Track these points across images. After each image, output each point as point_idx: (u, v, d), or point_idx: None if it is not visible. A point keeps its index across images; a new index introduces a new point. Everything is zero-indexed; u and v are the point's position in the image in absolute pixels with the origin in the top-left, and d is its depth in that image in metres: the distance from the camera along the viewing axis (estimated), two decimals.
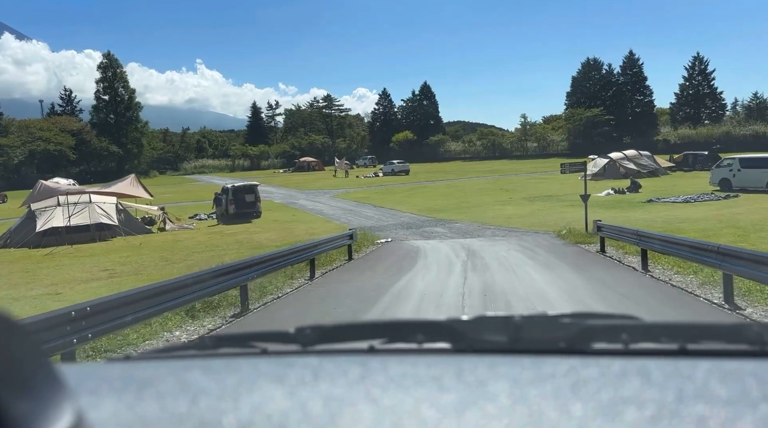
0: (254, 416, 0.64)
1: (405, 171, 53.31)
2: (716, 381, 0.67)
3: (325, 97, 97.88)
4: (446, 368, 0.76)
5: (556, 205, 24.03)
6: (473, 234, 18.09)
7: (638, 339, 0.85)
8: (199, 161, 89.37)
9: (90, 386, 0.75)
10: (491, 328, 0.91)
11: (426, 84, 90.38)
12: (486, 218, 21.43)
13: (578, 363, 0.75)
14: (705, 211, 19.99)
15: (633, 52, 74.34)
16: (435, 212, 24.03)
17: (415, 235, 18.48)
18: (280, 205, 31.15)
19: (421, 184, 41.36)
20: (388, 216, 23.91)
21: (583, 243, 14.23)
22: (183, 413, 0.65)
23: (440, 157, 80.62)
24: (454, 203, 27.03)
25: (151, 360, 0.98)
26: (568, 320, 0.90)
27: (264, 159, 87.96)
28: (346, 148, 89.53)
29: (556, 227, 18.26)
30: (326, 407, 0.65)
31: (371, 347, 0.92)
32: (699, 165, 36.80)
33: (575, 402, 0.64)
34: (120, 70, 78.60)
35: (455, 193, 32.59)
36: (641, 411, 0.61)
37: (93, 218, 20.86)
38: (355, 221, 22.78)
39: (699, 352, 0.81)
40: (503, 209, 23.80)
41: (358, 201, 30.76)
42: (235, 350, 1.00)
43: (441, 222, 21.27)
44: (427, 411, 0.63)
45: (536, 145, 78.55)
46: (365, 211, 26.19)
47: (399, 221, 22.08)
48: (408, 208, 26.20)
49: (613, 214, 20.11)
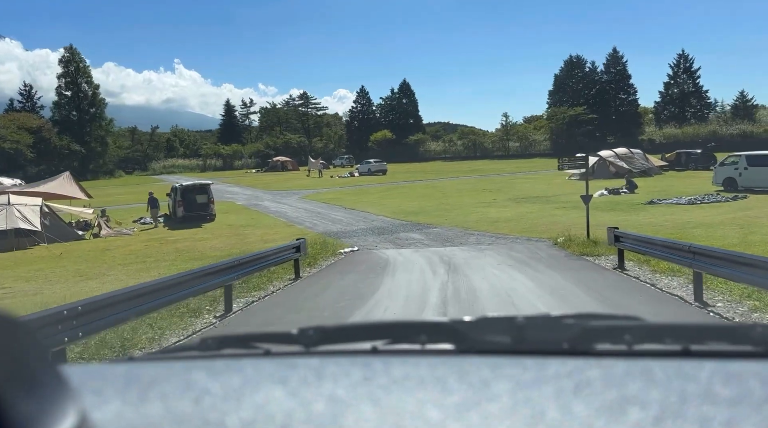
0: (257, 416, 0.64)
1: (382, 170, 50.57)
2: (720, 382, 0.68)
3: (301, 94, 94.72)
4: (449, 369, 0.76)
5: (546, 208, 21.50)
6: (454, 241, 15.43)
7: (641, 340, 0.85)
8: (169, 161, 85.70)
9: (94, 386, 0.74)
10: (494, 329, 0.91)
11: (405, 82, 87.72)
12: (469, 222, 18.80)
13: (581, 364, 0.75)
14: (716, 214, 17.60)
15: (617, 49, 72.70)
16: (411, 215, 21.34)
17: (386, 242, 15.77)
18: (241, 206, 28.20)
19: (399, 184, 38.67)
20: (358, 219, 21.16)
21: (589, 255, 11.62)
22: (186, 413, 0.66)
23: (420, 156, 78.10)
24: (433, 205, 24.38)
25: (154, 361, 0.98)
26: (571, 321, 0.90)
27: (237, 158, 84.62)
28: (322, 148, 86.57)
29: (550, 233, 15.66)
30: (329, 408, 0.66)
31: (374, 348, 0.91)
32: (693, 164, 34.67)
33: (578, 402, 0.64)
34: (83, 64, 74.53)
35: (434, 193, 29.96)
36: (644, 411, 0.61)
37: (10, 223, 17.74)
38: (321, 225, 20.01)
39: (702, 353, 0.81)
40: (488, 212, 21.20)
41: (328, 202, 27.96)
42: (238, 351, 0.99)
43: (418, 226, 18.58)
44: (430, 412, 0.64)
45: (518, 144, 76.45)
46: (334, 213, 23.41)
47: (370, 225, 19.36)
48: (382, 210, 23.49)
49: (613, 218, 17.63)
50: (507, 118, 77.51)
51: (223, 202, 30.91)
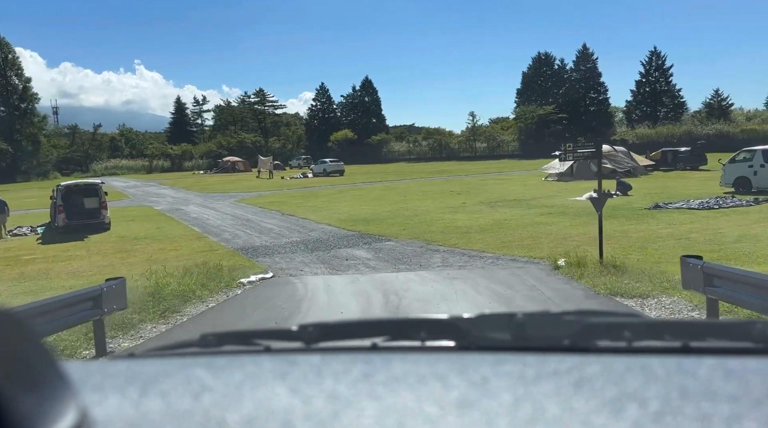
0: (258, 413, 0.64)
1: (339, 171, 45.95)
2: (719, 378, 0.67)
3: (257, 92, 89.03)
4: (449, 365, 0.76)
5: (527, 214, 17.31)
6: (412, 261, 11.05)
7: (641, 336, 0.85)
8: (112, 161, 79.22)
9: (94, 383, 0.74)
10: (494, 326, 0.90)
11: (367, 79, 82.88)
12: (432, 233, 14.45)
13: (582, 361, 0.75)
14: (749, 222, 13.68)
15: (587, 46, 69.64)
16: (361, 223, 16.89)
17: (318, 263, 11.31)
18: (157, 212, 23.24)
19: (355, 185, 34.17)
20: (294, 228, 16.60)
21: (625, 295, 7.28)
22: (187, 410, 0.65)
23: (383, 158, 73.77)
24: (390, 210, 19.98)
25: (155, 358, 0.96)
26: (571, 317, 0.89)
27: (187, 159, 78.74)
28: (280, 148, 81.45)
29: (542, 249, 11.41)
30: (329, 404, 0.66)
31: (374, 344, 0.91)
32: (681, 163, 31.15)
33: (578, 399, 0.64)
34: (12, 55, 67.44)
35: (393, 196, 25.56)
36: (644, 408, 0.61)
37: None
38: (243, 237, 15.40)
39: (702, 350, 0.80)
40: (456, 219, 16.90)
41: (265, 207, 23.27)
42: (239, 347, 0.99)
43: (366, 239, 14.15)
44: (431, 409, 0.64)
45: (485, 145, 72.87)
46: (266, 221, 18.78)
47: (306, 237, 14.84)
48: (326, 216, 18.98)
49: (617, 227, 13.53)
50: (474, 117, 73.75)
51: (139, 207, 25.91)
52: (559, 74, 70.62)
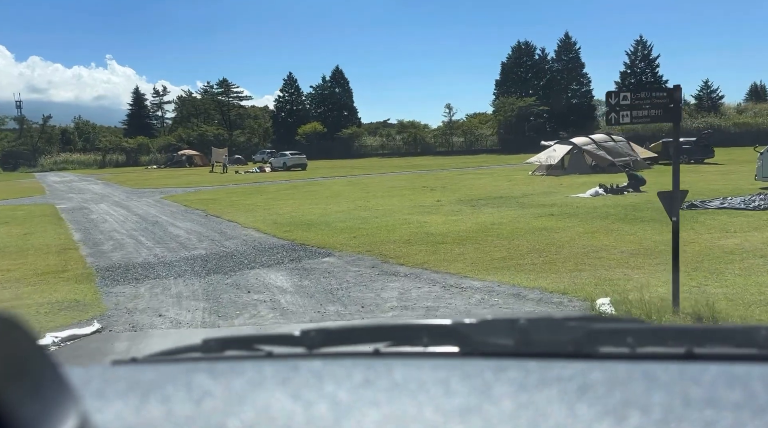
0: (259, 418, 0.64)
1: (301, 165, 41.31)
2: (723, 385, 0.67)
3: (221, 82, 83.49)
4: (452, 371, 0.76)
5: (522, 215, 13.08)
6: (350, 297, 6.69)
7: (645, 342, 0.85)
8: (62, 155, 73.31)
9: (95, 388, 0.74)
10: (497, 331, 0.90)
11: (338, 68, 77.91)
12: (393, 243, 10.11)
13: (584, 367, 0.75)
14: None
15: (569, 34, 65.94)
16: (301, 228, 12.48)
17: (200, 300, 6.89)
18: (52, 212, 18.38)
19: (313, 180, 29.65)
20: (208, 235, 12.12)
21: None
22: (188, 415, 0.66)
23: (355, 153, 69.27)
24: (345, 210, 15.60)
25: (156, 363, 0.96)
26: (575, 323, 0.89)
27: (144, 153, 73.21)
28: (245, 142, 76.37)
29: (560, 274, 7.10)
30: (331, 410, 0.66)
31: (376, 350, 0.91)
32: (685, 156, 27.30)
33: (581, 405, 0.64)
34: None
35: (353, 193, 21.16)
36: (647, 415, 0.61)
37: None
38: (130, 248, 10.89)
39: (706, 356, 0.80)
40: (427, 222, 12.58)
41: (189, 205, 18.65)
42: (240, 353, 0.99)
43: (298, 252, 9.78)
44: (433, 415, 0.64)
45: (462, 139, 68.88)
46: (179, 224, 14.22)
47: (217, 249, 10.43)
48: (260, 218, 14.53)
49: (655, 237, 9.40)
50: (451, 110, 69.66)
51: (38, 206, 21.08)
52: (539, 65, 66.86)
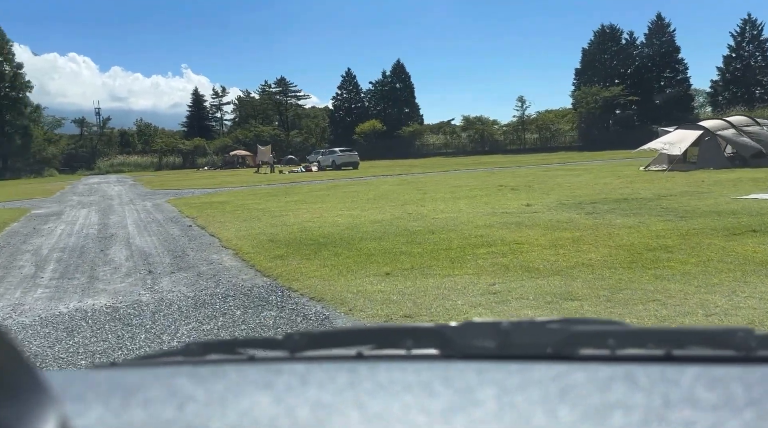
0: (242, 423, 0.64)
1: (352, 163, 36.41)
2: (702, 386, 0.68)
3: (278, 80, 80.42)
4: (435, 374, 0.76)
5: (692, 229, 7.27)
6: None
7: (625, 344, 0.85)
8: (119, 158, 72.17)
9: (75, 392, 0.73)
10: (479, 334, 0.91)
11: (399, 62, 72.84)
12: (465, 296, 4.65)
13: (565, 369, 0.76)
14: None
15: (662, 15, 57.94)
16: (302, 250, 7.32)
17: None
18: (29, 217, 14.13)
19: (359, 180, 24.56)
20: (152, 261, 7.17)
21: None
22: (170, 419, 0.65)
23: (416, 152, 64.00)
24: (387, 218, 10.35)
25: (137, 367, 0.96)
26: (556, 326, 0.89)
27: (201, 154, 71.00)
28: (302, 142, 72.83)
29: None
30: (314, 413, 0.66)
31: (359, 353, 0.91)
32: None
33: (563, 407, 0.65)
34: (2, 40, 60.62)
35: (405, 193, 15.80)
36: (628, 416, 0.62)
37: None
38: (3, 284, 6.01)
39: (685, 358, 0.81)
40: (521, 242, 7.08)
41: (185, 210, 13.91)
42: (222, 356, 0.98)
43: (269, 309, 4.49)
44: (416, 417, 0.64)
45: (537, 136, 62.14)
46: (137, 240, 9.39)
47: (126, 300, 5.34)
48: (252, 232, 9.54)
49: None
50: (523, 103, 63.03)
51: (6, 211, 16.95)
52: (627, 50, 59.17)
